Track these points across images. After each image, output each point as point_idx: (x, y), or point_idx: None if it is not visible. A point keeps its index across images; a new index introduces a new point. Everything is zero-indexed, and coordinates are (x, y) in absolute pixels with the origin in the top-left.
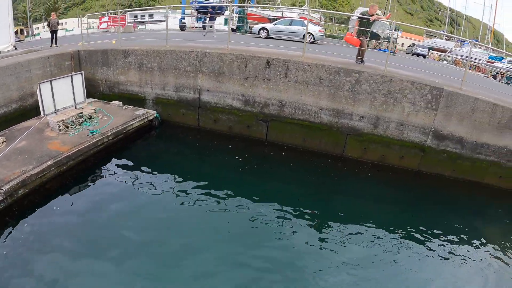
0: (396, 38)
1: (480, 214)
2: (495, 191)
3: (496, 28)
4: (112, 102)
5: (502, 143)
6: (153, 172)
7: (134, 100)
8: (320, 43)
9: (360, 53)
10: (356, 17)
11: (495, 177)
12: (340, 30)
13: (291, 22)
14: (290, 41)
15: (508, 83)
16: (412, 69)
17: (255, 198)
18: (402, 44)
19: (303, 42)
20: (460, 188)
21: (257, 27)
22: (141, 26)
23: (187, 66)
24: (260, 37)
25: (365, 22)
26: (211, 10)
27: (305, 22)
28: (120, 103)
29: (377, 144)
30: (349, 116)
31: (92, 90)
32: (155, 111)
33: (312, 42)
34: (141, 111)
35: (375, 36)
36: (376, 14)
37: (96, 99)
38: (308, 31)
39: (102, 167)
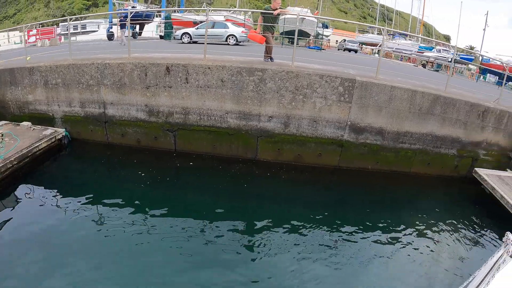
0: (323, 35)
1: (409, 204)
2: (424, 179)
3: (425, 20)
4: (22, 123)
5: (426, 130)
6: (62, 194)
7: (43, 119)
8: (245, 44)
9: (268, 51)
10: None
11: (423, 165)
12: None
13: (213, 25)
14: (213, 44)
15: (437, 71)
16: (337, 64)
17: (168, 212)
18: (337, 41)
19: (227, 44)
20: (386, 180)
21: (179, 32)
22: (72, 38)
23: (89, 80)
24: (183, 43)
25: (269, 17)
26: (122, 18)
27: (228, 24)
28: (30, 123)
29: (291, 144)
30: (257, 118)
31: (4, 112)
32: (63, 130)
33: (236, 44)
34: (49, 130)
35: (305, 34)
36: (280, 8)
37: (7, 122)
38: (231, 33)
39: (9, 195)
